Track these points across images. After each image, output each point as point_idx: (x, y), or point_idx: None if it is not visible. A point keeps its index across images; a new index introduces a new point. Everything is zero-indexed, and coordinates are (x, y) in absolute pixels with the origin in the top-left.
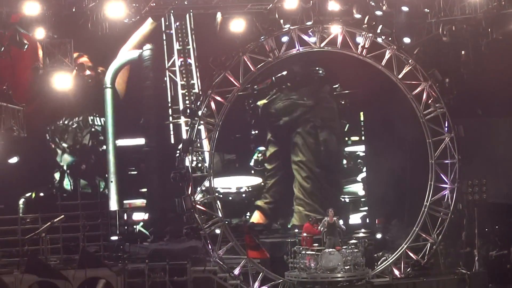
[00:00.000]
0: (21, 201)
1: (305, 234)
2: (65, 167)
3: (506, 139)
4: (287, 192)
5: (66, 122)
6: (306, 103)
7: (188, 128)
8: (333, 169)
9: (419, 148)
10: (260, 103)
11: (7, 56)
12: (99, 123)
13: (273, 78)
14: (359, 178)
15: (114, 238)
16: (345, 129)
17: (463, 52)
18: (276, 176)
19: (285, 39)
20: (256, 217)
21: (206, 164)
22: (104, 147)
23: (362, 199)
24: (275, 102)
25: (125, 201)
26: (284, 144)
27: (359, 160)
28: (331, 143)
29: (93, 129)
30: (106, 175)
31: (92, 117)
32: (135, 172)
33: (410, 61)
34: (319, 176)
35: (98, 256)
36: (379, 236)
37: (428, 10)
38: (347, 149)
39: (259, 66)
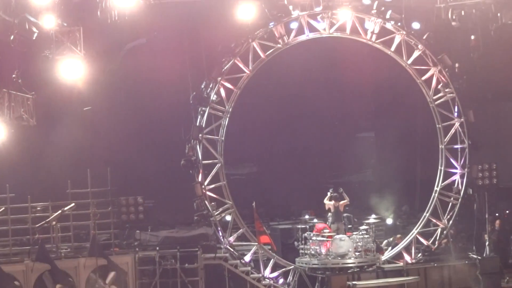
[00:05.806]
0: None
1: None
2: None
3: None
4: None
5: None
6: None
7: (198, 115)
8: None
9: (429, 133)
10: None
11: (17, 44)
12: None
13: None
14: None
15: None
16: None
17: (472, 37)
18: None
19: (294, 25)
20: None
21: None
22: None
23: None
24: None
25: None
26: None
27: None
28: None
29: None
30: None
31: None
32: None
33: (419, 46)
34: None
35: (105, 245)
36: (389, 222)
37: None
38: (357, 135)
39: (268, 53)
